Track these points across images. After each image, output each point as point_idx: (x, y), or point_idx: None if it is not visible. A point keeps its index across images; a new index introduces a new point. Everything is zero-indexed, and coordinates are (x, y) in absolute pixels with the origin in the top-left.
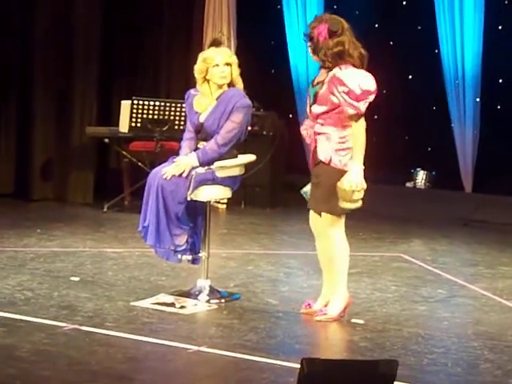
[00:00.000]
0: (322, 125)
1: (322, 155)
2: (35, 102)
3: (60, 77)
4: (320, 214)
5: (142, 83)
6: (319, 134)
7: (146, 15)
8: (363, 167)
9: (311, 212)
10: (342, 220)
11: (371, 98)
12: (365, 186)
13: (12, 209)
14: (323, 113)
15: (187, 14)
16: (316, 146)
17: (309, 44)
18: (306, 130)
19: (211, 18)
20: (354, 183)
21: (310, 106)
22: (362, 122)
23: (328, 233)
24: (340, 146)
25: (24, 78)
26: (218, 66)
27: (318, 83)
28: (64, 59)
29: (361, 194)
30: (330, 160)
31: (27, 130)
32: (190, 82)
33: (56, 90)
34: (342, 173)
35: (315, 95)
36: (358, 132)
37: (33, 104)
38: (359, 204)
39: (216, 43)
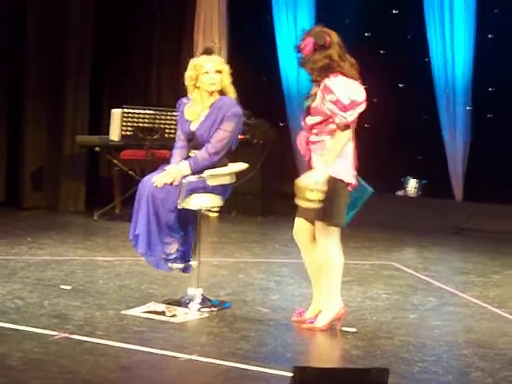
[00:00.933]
0: (317, 135)
1: (317, 164)
2: (26, 110)
3: (51, 85)
4: (313, 223)
5: (133, 92)
6: (314, 143)
7: (136, 24)
8: (329, 172)
9: (298, 222)
10: (337, 230)
11: (360, 108)
12: (321, 188)
13: (3, 217)
14: (317, 123)
15: (177, 22)
16: (311, 157)
17: (298, 56)
18: (300, 141)
19: (202, 26)
20: (308, 181)
21: (305, 119)
22: (348, 133)
23: (322, 243)
24: None
25: (15, 85)
26: (207, 73)
27: (309, 96)
28: (55, 68)
29: (315, 195)
30: None
31: (18, 138)
32: (181, 91)
33: (47, 99)
34: (335, 181)
35: (308, 108)
36: (340, 138)
37: (24, 112)
38: (313, 205)
39: (208, 51)
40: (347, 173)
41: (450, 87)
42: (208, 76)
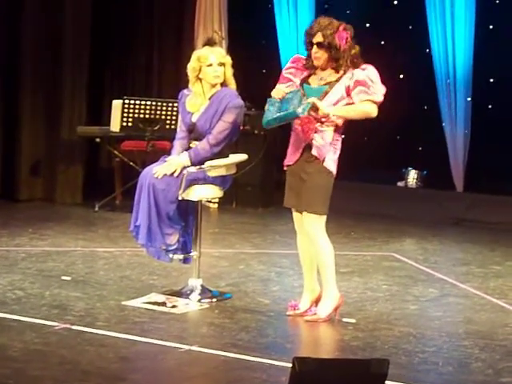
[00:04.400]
0: (322, 125)
1: (319, 151)
2: (23, 99)
3: (49, 75)
4: (301, 213)
5: (134, 82)
6: (320, 131)
7: (136, 14)
8: (329, 112)
9: (293, 210)
10: (324, 220)
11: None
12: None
13: (0, 209)
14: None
15: (178, 13)
16: (311, 144)
17: (322, 51)
18: (300, 125)
19: (202, 17)
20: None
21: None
22: (374, 108)
23: (311, 234)
24: (333, 148)
25: (12, 75)
26: (211, 66)
27: (326, 83)
28: (54, 57)
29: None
30: (324, 159)
31: (15, 128)
32: (182, 81)
33: (45, 88)
34: (331, 175)
35: (324, 93)
36: (365, 106)
37: (21, 102)
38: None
39: (210, 42)
40: (335, 166)
41: (450, 78)
42: (212, 68)
